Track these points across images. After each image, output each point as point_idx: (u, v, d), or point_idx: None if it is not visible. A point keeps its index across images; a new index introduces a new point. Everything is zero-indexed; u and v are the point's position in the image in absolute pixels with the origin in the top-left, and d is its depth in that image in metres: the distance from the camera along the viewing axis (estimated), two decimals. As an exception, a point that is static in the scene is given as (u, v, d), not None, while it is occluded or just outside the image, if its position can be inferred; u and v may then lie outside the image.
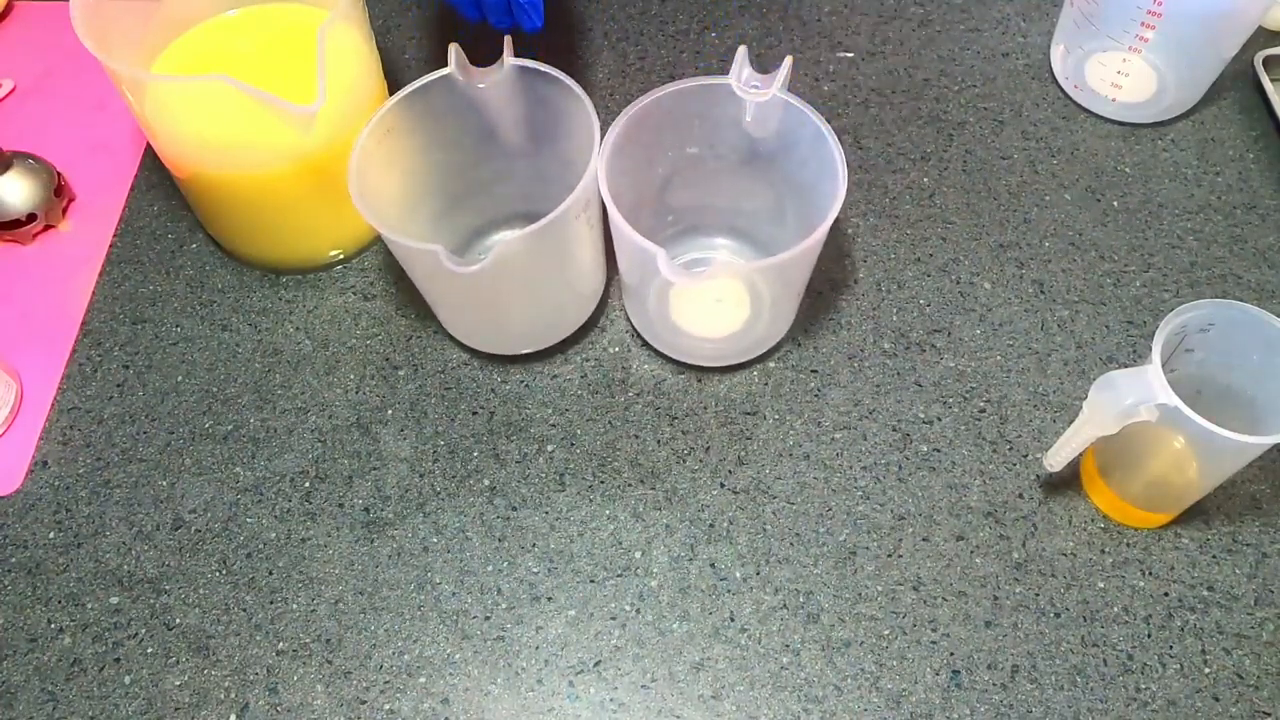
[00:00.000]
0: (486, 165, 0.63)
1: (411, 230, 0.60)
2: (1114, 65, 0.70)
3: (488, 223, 0.66)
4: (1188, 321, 0.50)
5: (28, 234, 0.68)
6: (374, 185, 0.55)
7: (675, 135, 0.59)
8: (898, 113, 0.73)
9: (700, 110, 0.58)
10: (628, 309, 0.63)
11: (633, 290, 0.62)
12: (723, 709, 0.52)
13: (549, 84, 0.56)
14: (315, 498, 0.58)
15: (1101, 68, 0.71)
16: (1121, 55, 0.69)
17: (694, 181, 0.63)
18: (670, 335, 0.62)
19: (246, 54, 0.63)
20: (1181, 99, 0.71)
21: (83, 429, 0.61)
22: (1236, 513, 0.57)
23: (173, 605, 0.55)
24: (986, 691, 0.52)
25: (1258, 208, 0.68)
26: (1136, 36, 0.67)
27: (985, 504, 0.57)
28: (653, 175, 0.61)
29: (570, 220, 0.52)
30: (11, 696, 0.53)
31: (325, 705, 0.52)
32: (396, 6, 0.80)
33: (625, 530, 0.57)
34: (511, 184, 0.64)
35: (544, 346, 0.62)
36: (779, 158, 0.59)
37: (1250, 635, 0.53)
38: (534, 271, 0.56)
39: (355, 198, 0.52)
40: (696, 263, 0.65)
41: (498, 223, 0.66)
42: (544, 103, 0.58)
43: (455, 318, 0.61)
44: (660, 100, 0.56)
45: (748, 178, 0.62)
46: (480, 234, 0.66)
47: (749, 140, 0.59)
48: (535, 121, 0.60)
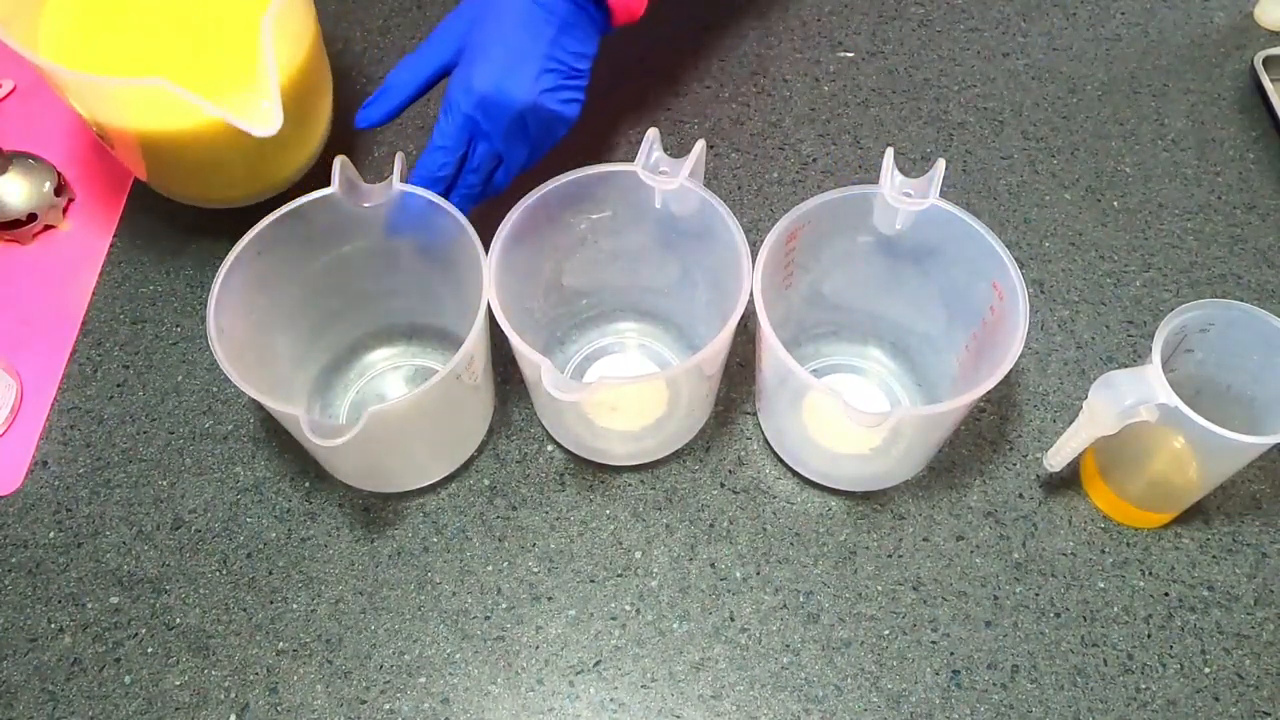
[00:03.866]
0: (371, 280, 0.59)
1: (283, 349, 0.57)
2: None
3: (369, 335, 0.62)
4: (1188, 321, 0.50)
5: (28, 234, 0.68)
6: (238, 316, 0.52)
7: (575, 223, 0.56)
8: (898, 113, 0.73)
9: (602, 195, 0.55)
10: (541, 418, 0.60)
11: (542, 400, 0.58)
12: (723, 709, 0.52)
13: (436, 211, 0.53)
14: (315, 498, 0.58)
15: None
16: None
17: (602, 266, 0.60)
18: (590, 437, 0.58)
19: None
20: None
21: (83, 429, 0.61)
22: (1236, 513, 0.57)
23: (173, 605, 0.55)
24: (986, 691, 0.52)
25: (1258, 208, 0.68)
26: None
27: (985, 504, 0.57)
28: (556, 265, 0.58)
29: (451, 382, 0.49)
30: (11, 696, 0.53)
31: (325, 705, 0.52)
32: (396, 7, 0.80)
33: (625, 530, 0.57)
34: (398, 299, 0.60)
35: (438, 478, 0.58)
36: (689, 242, 0.56)
37: (1250, 635, 0.53)
38: (412, 430, 0.53)
39: (212, 338, 0.49)
40: (607, 349, 0.63)
41: (380, 336, 0.62)
42: (430, 227, 0.55)
43: (337, 465, 0.57)
44: (557, 189, 0.53)
45: (658, 260, 0.59)
46: (362, 348, 0.62)
47: (660, 221, 0.56)
48: (423, 243, 0.57)
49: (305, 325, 0.58)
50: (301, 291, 0.57)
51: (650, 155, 0.53)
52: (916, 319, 0.59)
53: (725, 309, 0.50)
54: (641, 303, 0.63)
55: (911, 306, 0.58)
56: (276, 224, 0.53)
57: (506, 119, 0.54)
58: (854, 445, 0.56)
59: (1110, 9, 0.79)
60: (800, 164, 0.71)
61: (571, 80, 0.56)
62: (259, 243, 0.53)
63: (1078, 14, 0.79)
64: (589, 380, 0.50)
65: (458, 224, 0.53)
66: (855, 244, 0.56)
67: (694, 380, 0.55)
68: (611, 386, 0.48)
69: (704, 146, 0.53)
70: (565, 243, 0.58)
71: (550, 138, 0.58)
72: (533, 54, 0.54)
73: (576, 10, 0.55)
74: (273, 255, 0.53)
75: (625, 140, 0.71)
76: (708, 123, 0.73)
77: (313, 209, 0.53)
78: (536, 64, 0.54)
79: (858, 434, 0.52)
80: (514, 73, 0.53)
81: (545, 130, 0.57)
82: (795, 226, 0.53)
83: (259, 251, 0.53)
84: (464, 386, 0.53)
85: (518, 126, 0.55)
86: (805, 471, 0.58)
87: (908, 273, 0.57)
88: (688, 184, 0.53)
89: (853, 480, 0.57)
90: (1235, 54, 0.76)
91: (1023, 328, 0.49)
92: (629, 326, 0.63)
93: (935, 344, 0.58)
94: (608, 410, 0.57)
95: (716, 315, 0.51)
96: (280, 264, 0.54)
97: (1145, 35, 0.77)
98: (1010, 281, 0.50)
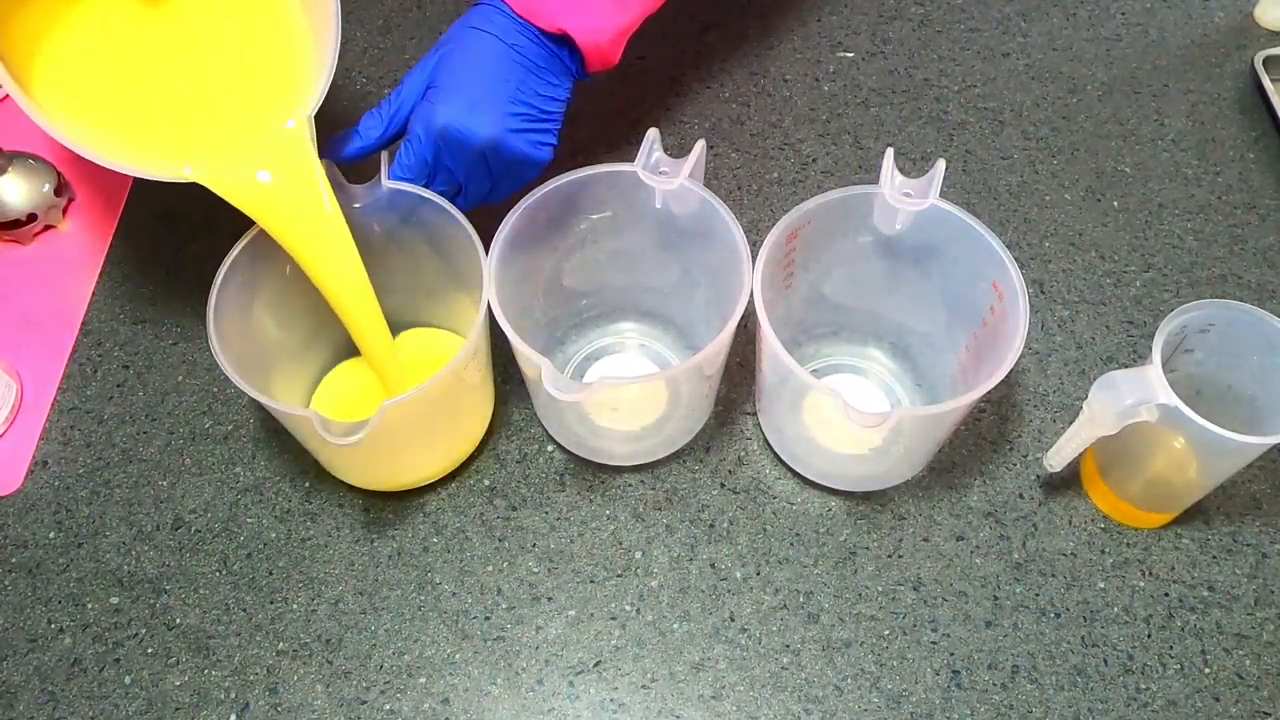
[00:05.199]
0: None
1: (286, 349, 0.58)
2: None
3: None
4: (1188, 321, 0.50)
5: (28, 234, 0.68)
6: (236, 320, 0.52)
7: (575, 223, 0.56)
8: (898, 113, 0.73)
9: (602, 195, 0.55)
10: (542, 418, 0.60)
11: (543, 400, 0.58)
12: (723, 709, 0.52)
13: (428, 207, 0.54)
14: (315, 498, 0.58)
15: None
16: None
17: (602, 266, 0.60)
18: (590, 437, 0.58)
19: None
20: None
21: (83, 429, 0.61)
22: (1236, 513, 0.57)
23: (173, 605, 0.55)
24: (986, 691, 0.52)
25: (1258, 208, 0.68)
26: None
27: (985, 504, 0.57)
28: (556, 265, 0.58)
29: (459, 375, 0.50)
30: (11, 696, 0.53)
31: (325, 705, 0.52)
32: (396, 7, 0.80)
33: (625, 530, 0.57)
34: (394, 296, 0.58)
35: (438, 478, 0.58)
36: (689, 241, 0.56)
37: (1250, 635, 0.53)
38: (414, 428, 0.53)
39: (213, 338, 0.49)
40: (607, 349, 0.63)
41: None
42: (424, 225, 0.55)
43: (339, 466, 0.57)
44: (557, 189, 0.54)
45: (658, 260, 0.59)
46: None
47: (660, 221, 0.56)
48: (417, 241, 0.57)
49: (305, 325, 0.58)
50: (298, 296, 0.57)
51: (650, 155, 0.53)
52: (916, 319, 0.59)
53: (725, 309, 0.50)
54: (642, 303, 0.63)
55: (911, 306, 0.58)
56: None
57: (468, 154, 0.54)
58: (854, 445, 0.56)
59: (1110, 9, 0.79)
60: (800, 164, 0.71)
61: (540, 123, 0.56)
62: (256, 245, 0.53)
63: (1078, 14, 0.79)
64: (589, 381, 0.50)
65: (458, 223, 0.53)
66: (855, 244, 0.56)
67: (694, 380, 0.55)
68: (611, 387, 0.48)
69: (704, 146, 0.53)
70: (565, 243, 0.58)
71: (516, 179, 0.57)
72: (499, 93, 0.54)
73: (548, 55, 0.55)
74: (270, 256, 0.53)
75: (625, 140, 0.71)
76: (708, 123, 0.73)
77: None
78: (502, 104, 0.54)
79: (858, 434, 0.52)
80: (477, 109, 0.53)
81: (509, 170, 0.56)
82: (795, 226, 0.53)
83: (256, 253, 0.53)
84: (465, 385, 0.53)
85: (478, 161, 0.55)
86: (805, 471, 0.58)
87: (908, 273, 0.57)
88: (688, 184, 0.53)
89: (853, 480, 0.57)
90: (1235, 54, 0.76)
91: (1023, 328, 0.49)
92: (629, 327, 0.63)
93: (935, 344, 0.58)
94: (608, 411, 0.57)
95: (717, 315, 0.51)
96: (278, 264, 0.54)
97: (1145, 35, 0.77)
98: (1010, 281, 0.50)
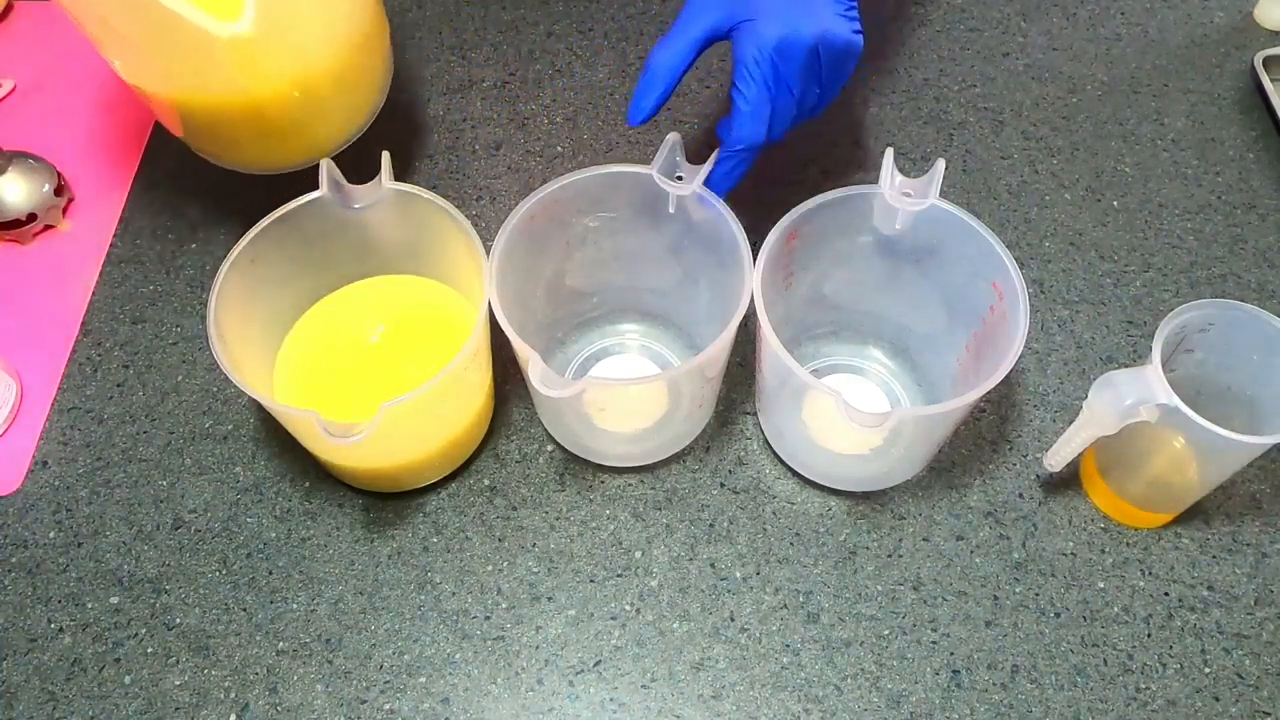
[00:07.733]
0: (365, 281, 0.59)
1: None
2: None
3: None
4: (1188, 321, 0.50)
5: (28, 234, 0.68)
6: (237, 322, 0.52)
7: (578, 224, 0.56)
8: (898, 113, 0.73)
9: (605, 196, 0.55)
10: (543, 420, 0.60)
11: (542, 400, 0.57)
12: (723, 709, 0.52)
13: (428, 207, 0.54)
14: (315, 498, 0.58)
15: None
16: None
17: (603, 267, 0.60)
18: (589, 438, 0.58)
19: None
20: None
21: (83, 429, 0.61)
22: (1236, 513, 0.57)
23: (173, 605, 0.55)
24: (986, 691, 0.52)
25: (1258, 208, 0.68)
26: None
27: (985, 504, 0.57)
28: (558, 265, 0.58)
29: (458, 375, 0.50)
30: (11, 696, 0.53)
31: (325, 705, 0.52)
32: (396, 7, 0.80)
33: (625, 530, 0.57)
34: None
35: (438, 478, 0.58)
36: (692, 243, 0.56)
37: (1250, 635, 0.53)
38: (415, 427, 0.53)
39: (213, 338, 0.49)
40: (609, 350, 0.63)
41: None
42: (425, 225, 0.55)
43: (345, 468, 0.57)
44: (558, 190, 0.53)
45: (659, 261, 0.59)
46: None
47: (666, 223, 0.56)
48: (417, 241, 0.57)
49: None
50: (297, 297, 0.57)
51: (670, 160, 0.53)
52: (916, 319, 0.59)
53: (726, 310, 0.50)
54: (643, 303, 0.63)
55: (911, 306, 0.58)
56: (268, 230, 0.53)
57: (800, 58, 0.52)
58: (854, 445, 0.56)
59: (1110, 9, 0.79)
60: (800, 164, 0.71)
61: (849, 9, 0.54)
62: (256, 245, 0.53)
63: (1078, 14, 0.79)
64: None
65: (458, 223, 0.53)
66: (855, 244, 0.56)
67: (695, 382, 0.55)
68: (599, 386, 0.48)
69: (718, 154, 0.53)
70: (567, 243, 0.58)
71: (839, 76, 0.55)
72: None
73: None
74: (269, 256, 0.54)
75: (625, 140, 0.71)
76: (708, 123, 0.73)
77: (303, 213, 0.54)
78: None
79: (858, 434, 0.52)
80: (796, 6, 0.51)
81: (835, 65, 0.54)
82: (795, 226, 0.53)
83: (252, 260, 0.53)
84: (464, 385, 0.53)
85: (810, 63, 0.52)
86: (805, 471, 0.58)
87: (908, 273, 0.57)
88: (702, 191, 0.53)
89: (853, 480, 0.57)
90: (1235, 54, 0.76)
91: (1023, 328, 0.49)
92: (631, 327, 0.63)
93: (935, 344, 0.58)
94: (608, 411, 0.57)
95: (718, 316, 0.51)
96: (278, 264, 0.54)
97: (1145, 35, 0.77)
98: (1010, 281, 0.50)
